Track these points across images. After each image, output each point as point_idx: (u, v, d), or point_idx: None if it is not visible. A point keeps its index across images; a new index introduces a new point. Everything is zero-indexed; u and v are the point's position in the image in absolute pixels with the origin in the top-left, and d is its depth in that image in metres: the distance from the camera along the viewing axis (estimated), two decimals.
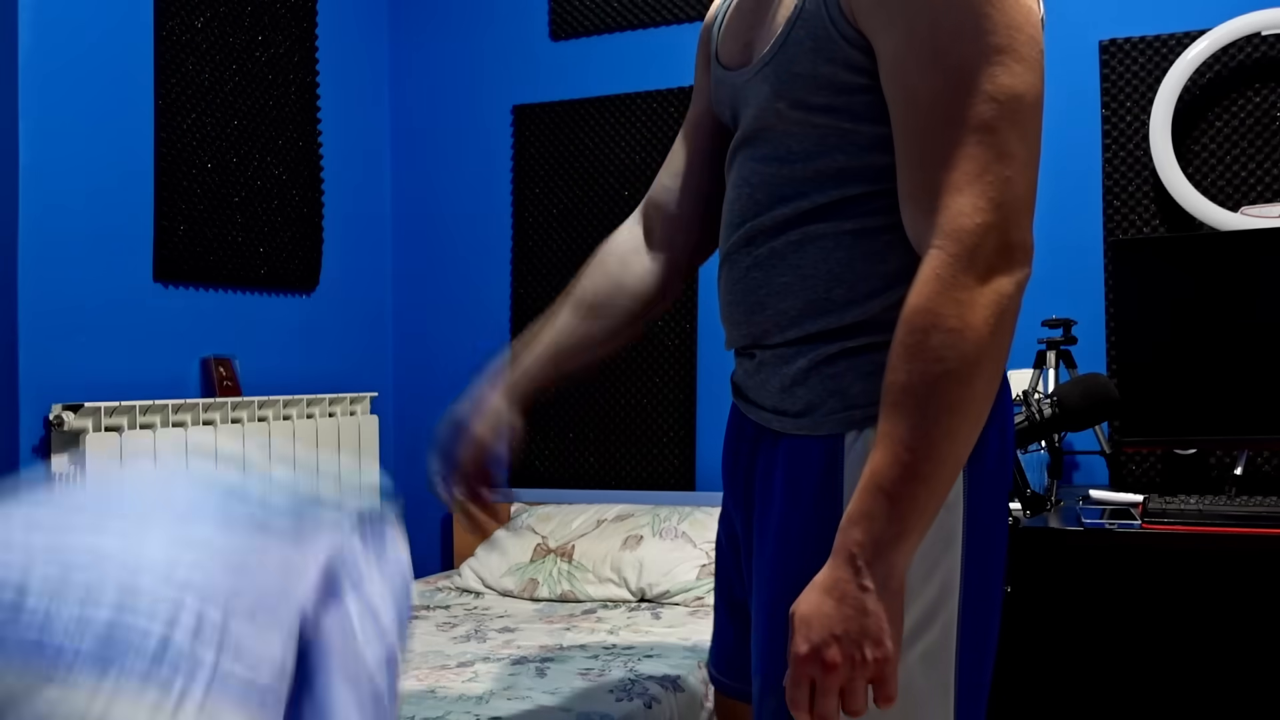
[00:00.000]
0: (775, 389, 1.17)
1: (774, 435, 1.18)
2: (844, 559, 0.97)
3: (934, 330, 0.95)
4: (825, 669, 0.96)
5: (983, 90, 0.97)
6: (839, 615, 0.96)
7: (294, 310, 3.04)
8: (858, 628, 0.95)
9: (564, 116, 3.21)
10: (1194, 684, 2.08)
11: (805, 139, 1.12)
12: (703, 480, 3.05)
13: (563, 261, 3.21)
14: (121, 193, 2.51)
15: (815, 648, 0.96)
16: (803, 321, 1.14)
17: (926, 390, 0.95)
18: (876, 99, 1.07)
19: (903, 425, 0.96)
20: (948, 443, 0.96)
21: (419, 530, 3.39)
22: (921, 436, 0.95)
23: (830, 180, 1.12)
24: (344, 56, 3.25)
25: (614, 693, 1.91)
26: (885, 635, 0.95)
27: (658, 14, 3.12)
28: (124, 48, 2.52)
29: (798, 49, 1.09)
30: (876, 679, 0.96)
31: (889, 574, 0.96)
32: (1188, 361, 2.24)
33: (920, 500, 0.96)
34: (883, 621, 0.95)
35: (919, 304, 0.97)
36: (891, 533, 0.95)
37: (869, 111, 1.08)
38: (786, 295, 1.14)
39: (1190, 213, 2.51)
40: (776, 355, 1.17)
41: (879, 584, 0.96)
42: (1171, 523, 1.94)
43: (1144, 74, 2.65)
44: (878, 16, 1.03)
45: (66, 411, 2.29)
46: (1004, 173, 0.97)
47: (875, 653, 0.95)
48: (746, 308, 1.18)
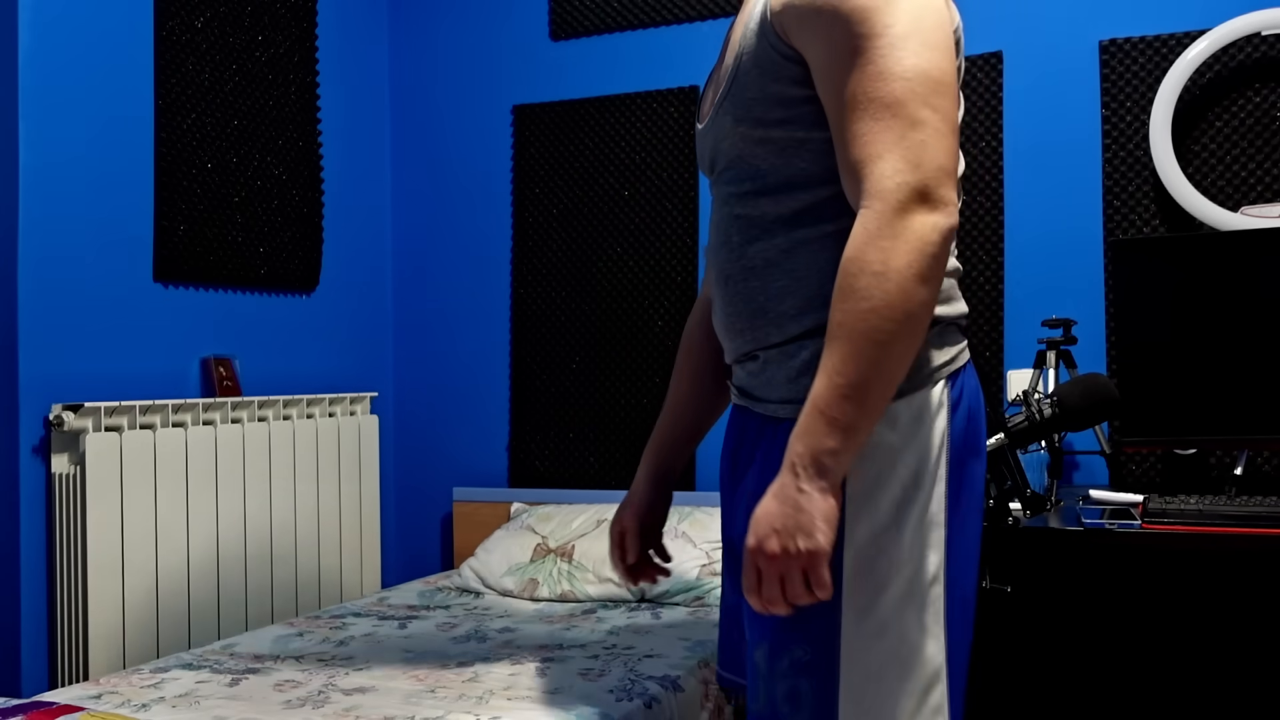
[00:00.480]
0: (783, 380, 1.29)
1: (778, 423, 1.29)
2: (787, 468, 1.13)
3: (861, 274, 1.11)
4: (767, 558, 1.12)
5: (891, 73, 1.13)
6: (779, 512, 1.12)
7: (294, 310, 3.04)
8: (793, 523, 1.11)
9: (564, 116, 3.21)
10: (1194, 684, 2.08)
11: (769, 155, 1.28)
12: (703, 480, 3.06)
13: (563, 261, 3.21)
14: (121, 193, 2.51)
15: (759, 540, 1.13)
16: (801, 318, 1.27)
17: (854, 325, 1.10)
18: (818, 108, 1.23)
19: (836, 355, 1.11)
20: (873, 369, 1.10)
21: (419, 530, 3.39)
22: (851, 364, 1.10)
23: (800, 187, 1.27)
24: (344, 56, 3.26)
25: (614, 693, 1.91)
26: (816, 529, 1.11)
27: (658, 14, 3.12)
28: (124, 48, 2.52)
29: (746, 77, 1.26)
30: (808, 567, 1.11)
31: (823, 479, 1.11)
32: (1188, 361, 2.24)
33: (851, 418, 1.11)
34: (815, 518, 1.11)
35: (849, 254, 1.12)
36: (826, 445, 1.11)
37: (817, 119, 1.24)
38: (785, 297, 1.28)
39: (1190, 213, 2.51)
40: (781, 352, 1.29)
41: (814, 487, 1.11)
42: (1171, 523, 1.94)
43: (1144, 74, 2.65)
44: (804, 33, 1.20)
45: (66, 411, 2.29)
46: (917, 138, 1.12)
47: (806, 544, 1.11)
48: (749, 314, 1.31)
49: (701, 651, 2.18)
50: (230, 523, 2.63)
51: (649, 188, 3.12)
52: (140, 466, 2.39)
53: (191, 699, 1.89)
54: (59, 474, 2.30)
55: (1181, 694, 2.09)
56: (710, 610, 2.54)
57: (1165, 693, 2.10)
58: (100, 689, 1.96)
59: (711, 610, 2.54)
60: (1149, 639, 2.12)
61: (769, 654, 1.24)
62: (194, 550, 2.53)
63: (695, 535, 2.71)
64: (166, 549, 2.46)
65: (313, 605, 2.90)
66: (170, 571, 2.46)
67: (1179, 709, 2.09)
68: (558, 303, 3.21)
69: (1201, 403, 2.22)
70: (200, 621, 2.54)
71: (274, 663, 2.14)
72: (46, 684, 2.33)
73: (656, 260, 3.11)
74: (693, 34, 3.10)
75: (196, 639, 2.53)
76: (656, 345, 3.10)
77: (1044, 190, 2.75)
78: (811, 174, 1.25)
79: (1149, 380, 2.26)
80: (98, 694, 1.93)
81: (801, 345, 1.27)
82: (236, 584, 2.65)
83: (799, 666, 1.21)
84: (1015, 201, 2.77)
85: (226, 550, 2.62)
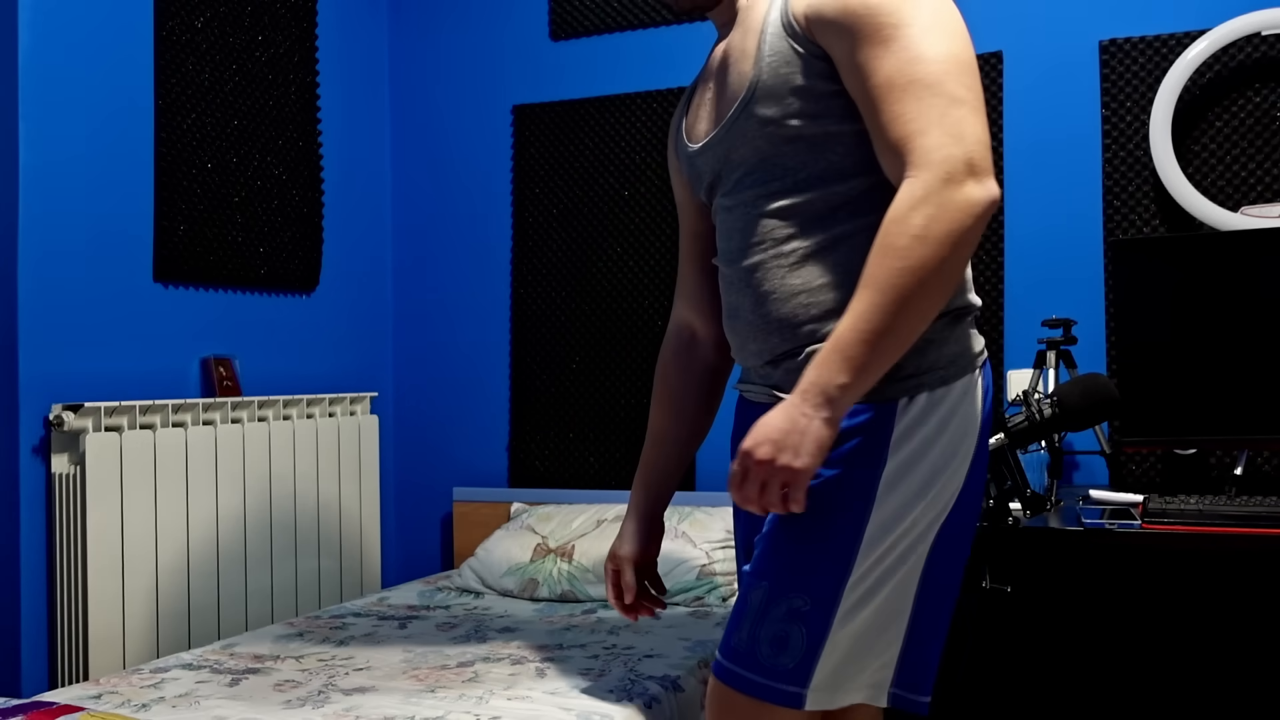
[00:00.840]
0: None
1: None
2: (797, 392, 1.21)
3: (903, 235, 1.18)
4: (755, 462, 1.21)
5: (926, 56, 1.22)
6: (777, 428, 1.20)
7: (294, 310, 3.04)
8: (788, 440, 1.19)
9: (564, 116, 3.21)
10: (1194, 684, 2.08)
11: (799, 152, 1.33)
12: (703, 480, 3.06)
13: (563, 261, 3.21)
14: (121, 193, 2.51)
15: (753, 445, 1.20)
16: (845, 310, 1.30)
17: (888, 279, 1.17)
18: (847, 100, 1.30)
19: (865, 303, 1.18)
20: (897, 321, 1.18)
21: (419, 530, 3.39)
22: (878, 311, 1.18)
23: (834, 181, 1.32)
24: (344, 56, 3.26)
25: (614, 693, 1.91)
26: (804, 451, 1.19)
27: (658, 14, 3.12)
28: (124, 48, 2.52)
29: (775, 76, 1.32)
30: (789, 482, 1.20)
31: (827, 409, 1.19)
32: (1188, 361, 2.24)
33: (865, 360, 1.19)
34: (807, 440, 1.19)
35: (893, 215, 1.19)
36: (838, 380, 1.19)
37: (846, 111, 1.31)
38: (828, 290, 1.33)
39: (1190, 213, 2.51)
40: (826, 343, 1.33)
41: (817, 414, 1.19)
42: (1171, 523, 1.94)
43: (1144, 74, 2.65)
44: (830, 30, 1.28)
45: (66, 411, 2.29)
46: (957, 114, 1.20)
47: (793, 460, 1.19)
48: (788, 314, 1.36)
49: (701, 651, 2.17)
50: (230, 522, 2.63)
51: (649, 188, 3.12)
52: (140, 466, 2.39)
53: (191, 699, 1.89)
54: (59, 474, 2.30)
55: (1181, 693, 2.09)
56: (711, 610, 2.54)
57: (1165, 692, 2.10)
58: (100, 689, 1.96)
59: (712, 610, 2.54)
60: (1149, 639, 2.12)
61: (767, 596, 1.31)
62: (194, 550, 2.53)
63: (695, 535, 2.71)
64: (166, 549, 2.46)
65: (313, 605, 2.90)
66: (170, 571, 2.46)
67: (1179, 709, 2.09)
68: (558, 303, 3.21)
69: (1201, 403, 2.22)
70: (200, 621, 2.54)
71: (274, 663, 2.14)
72: (46, 684, 2.33)
73: (656, 260, 3.11)
74: (693, 34, 3.10)
75: (196, 639, 2.53)
76: (657, 345, 3.10)
77: (1044, 190, 2.75)
78: (844, 168, 1.32)
79: (1149, 380, 2.26)
80: (98, 694, 1.93)
81: None
82: (236, 584, 2.65)
83: (794, 614, 1.29)
84: (1015, 201, 2.77)
85: (226, 550, 2.62)
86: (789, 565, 1.30)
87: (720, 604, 2.59)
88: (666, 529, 2.75)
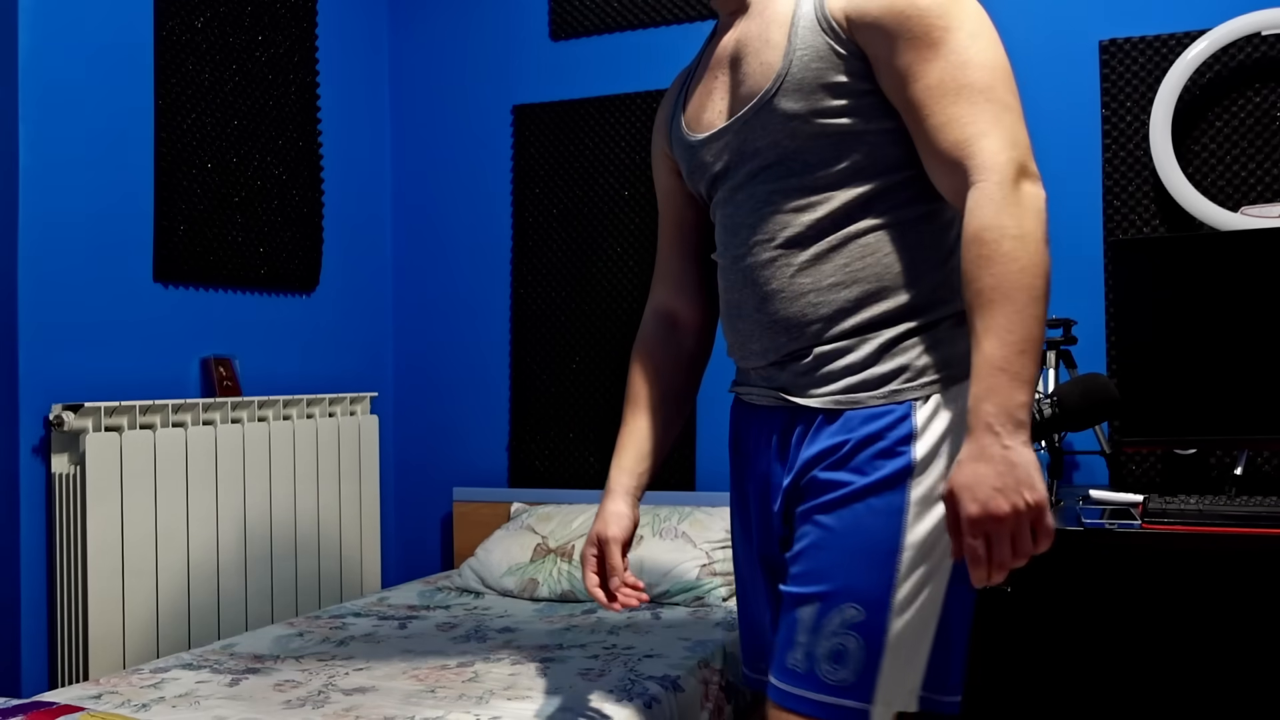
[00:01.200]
0: (839, 373, 1.34)
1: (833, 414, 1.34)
2: (982, 429, 1.15)
3: (1003, 239, 1.16)
4: (997, 521, 1.13)
5: (977, 62, 1.22)
6: (994, 473, 1.13)
7: (294, 310, 3.04)
8: (1013, 479, 1.12)
9: (564, 116, 3.21)
10: (1194, 684, 2.08)
11: (821, 148, 1.31)
12: (703, 480, 3.06)
13: (563, 261, 3.21)
14: (121, 193, 2.51)
15: (983, 505, 1.13)
16: (860, 312, 1.32)
17: (1011, 285, 1.16)
18: (879, 99, 1.29)
19: (1000, 316, 1.15)
20: (1035, 324, 1.16)
21: (419, 530, 3.39)
22: (1018, 321, 1.15)
23: (851, 180, 1.31)
24: (344, 56, 3.26)
25: (614, 693, 1.91)
26: (1035, 480, 1.13)
27: (658, 14, 3.12)
28: (124, 48, 2.52)
29: (806, 70, 1.30)
30: (1037, 519, 1.13)
31: (1021, 432, 1.14)
32: (1188, 361, 2.24)
33: (1029, 371, 1.16)
34: (1025, 469, 1.13)
35: (983, 223, 1.18)
36: (1017, 399, 1.15)
37: (875, 110, 1.29)
38: (838, 290, 1.32)
39: (1190, 213, 2.51)
40: (839, 348, 1.34)
41: (1016, 441, 1.14)
42: (1171, 523, 1.94)
43: (1144, 74, 2.65)
44: (873, 31, 1.27)
45: (66, 411, 2.29)
46: (1010, 119, 1.22)
47: (1032, 496, 1.12)
48: (797, 313, 1.34)
49: (701, 651, 2.17)
50: (230, 523, 2.63)
51: (649, 188, 3.12)
52: (140, 466, 2.39)
53: (191, 699, 1.89)
54: (59, 474, 2.30)
55: (1181, 693, 2.09)
56: (711, 610, 2.54)
57: (1165, 692, 2.10)
58: (100, 689, 1.96)
59: (712, 610, 2.54)
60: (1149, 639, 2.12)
61: (819, 612, 1.28)
62: (194, 550, 2.53)
63: (695, 535, 2.71)
64: (166, 549, 2.46)
65: (313, 605, 2.90)
66: (170, 571, 2.46)
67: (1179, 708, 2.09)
68: (558, 303, 3.21)
69: (1201, 403, 2.22)
70: (200, 621, 2.54)
71: (274, 663, 2.14)
72: (46, 684, 2.33)
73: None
74: (693, 34, 3.10)
75: (196, 639, 2.53)
76: None
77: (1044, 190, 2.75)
78: (863, 168, 1.31)
79: (1149, 380, 2.26)
80: (98, 694, 1.93)
81: (863, 339, 1.32)
82: (236, 584, 2.65)
83: (849, 624, 1.26)
84: None
85: (226, 550, 2.62)
86: (835, 575, 1.29)
87: (720, 603, 2.59)
88: (666, 529, 2.75)
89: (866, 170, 1.31)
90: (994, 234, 1.17)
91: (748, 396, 1.47)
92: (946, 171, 1.24)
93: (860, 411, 1.32)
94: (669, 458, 3.07)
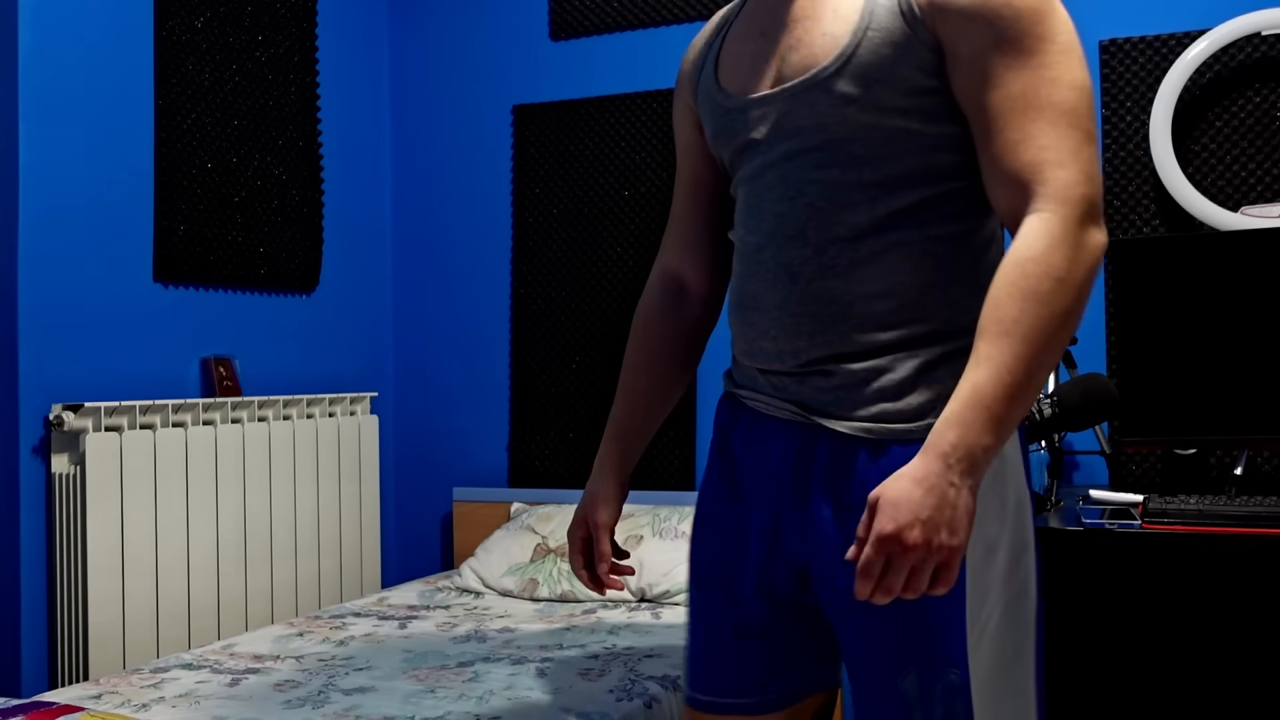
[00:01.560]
0: (873, 396, 1.21)
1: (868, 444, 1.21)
2: (936, 455, 1.07)
3: (1046, 277, 1.08)
4: (905, 548, 1.06)
5: (1066, 81, 1.12)
6: (925, 502, 1.06)
7: (294, 310, 3.04)
8: (941, 516, 1.06)
9: (564, 116, 3.21)
10: (1194, 684, 2.08)
11: (871, 142, 1.19)
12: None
13: (563, 261, 3.21)
14: (121, 193, 2.51)
15: (900, 528, 1.06)
16: (895, 327, 1.20)
17: (1033, 326, 1.08)
18: (944, 100, 1.18)
19: (1009, 352, 1.08)
20: (1040, 373, 1.09)
21: (419, 530, 3.39)
22: (1022, 364, 1.07)
23: (899, 184, 1.20)
24: (344, 56, 3.25)
25: (614, 693, 1.91)
26: (960, 527, 1.06)
27: (658, 14, 3.12)
28: (124, 48, 2.52)
29: (874, 55, 1.18)
30: (944, 564, 1.07)
31: (972, 476, 1.07)
32: (1188, 361, 2.24)
33: (1010, 417, 1.08)
34: (961, 515, 1.06)
35: (1034, 253, 1.09)
36: (983, 442, 1.07)
37: (938, 112, 1.19)
38: (875, 302, 1.20)
39: (1190, 213, 2.51)
40: (869, 366, 1.21)
41: (964, 482, 1.07)
42: (1171, 523, 1.94)
43: (1144, 74, 2.65)
44: (960, 22, 1.15)
45: (66, 411, 2.29)
46: (1090, 151, 1.12)
47: (950, 540, 1.06)
48: (824, 318, 1.22)
49: None
50: (230, 523, 2.63)
51: (649, 188, 3.12)
52: (140, 466, 2.39)
53: (191, 699, 1.89)
54: (59, 474, 2.30)
55: (1181, 694, 2.09)
56: None
57: (1165, 692, 2.10)
58: (100, 689, 1.96)
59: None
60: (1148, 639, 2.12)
61: (922, 681, 1.19)
62: (194, 550, 2.53)
63: None
64: (166, 549, 2.46)
65: (313, 605, 2.90)
66: (170, 571, 2.46)
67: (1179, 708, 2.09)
68: (558, 303, 3.21)
69: (1201, 403, 2.22)
70: (200, 621, 2.54)
71: (274, 663, 2.14)
72: (46, 684, 2.32)
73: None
74: (693, 34, 3.10)
75: (196, 639, 2.53)
76: None
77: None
78: (914, 171, 1.20)
79: (1149, 380, 2.26)
80: (98, 694, 1.93)
81: (897, 359, 1.20)
82: (236, 584, 2.65)
83: (953, 690, 1.18)
84: None
85: (226, 550, 2.62)
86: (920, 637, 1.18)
87: None
88: (666, 529, 2.75)
89: (917, 175, 1.20)
90: (1038, 269, 1.08)
91: (753, 403, 1.31)
92: (1009, 190, 1.15)
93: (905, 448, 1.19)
94: (670, 457, 3.07)
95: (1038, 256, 1.09)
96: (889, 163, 1.19)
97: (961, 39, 1.15)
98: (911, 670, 1.19)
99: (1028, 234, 1.10)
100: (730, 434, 1.36)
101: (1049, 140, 1.12)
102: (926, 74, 1.17)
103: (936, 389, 1.20)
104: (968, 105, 1.17)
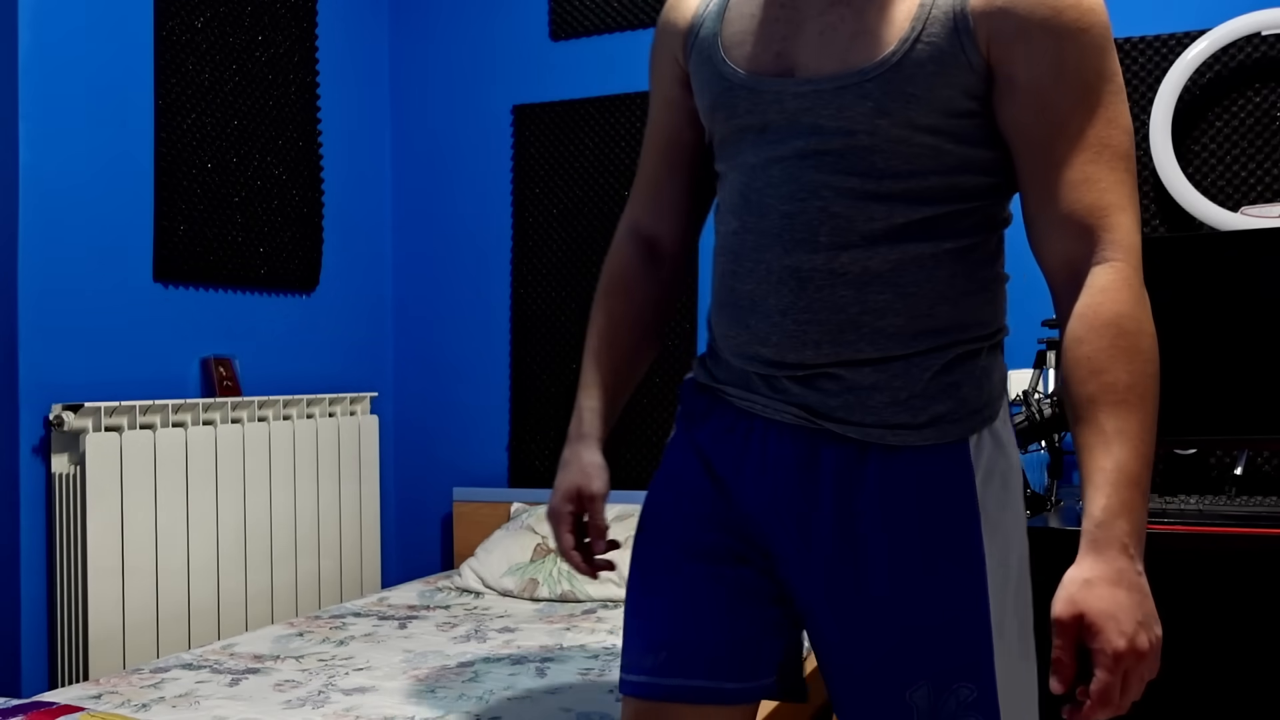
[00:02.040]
0: (884, 403, 1.18)
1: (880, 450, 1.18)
2: (1118, 550, 1.04)
3: (1141, 334, 1.07)
4: (1139, 657, 1.02)
5: (1121, 124, 1.11)
6: (1134, 604, 1.02)
7: (294, 310, 3.04)
8: (1147, 612, 1.03)
9: (564, 116, 3.21)
10: (1193, 684, 2.08)
11: (897, 156, 1.13)
12: None
13: (563, 261, 3.21)
14: (121, 193, 2.51)
15: (1130, 639, 1.01)
16: (907, 339, 1.17)
17: (1145, 389, 1.06)
18: (980, 124, 1.14)
19: (1135, 421, 1.05)
20: (1155, 433, 1.07)
21: (419, 530, 3.39)
22: (1148, 430, 1.06)
23: (919, 199, 1.15)
24: (344, 56, 3.26)
25: (614, 693, 1.91)
26: (1155, 615, 1.04)
27: (657, 14, 3.12)
28: (124, 48, 2.52)
29: (918, 70, 1.11)
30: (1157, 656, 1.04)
31: (1142, 555, 1.05)
32: (1188, 361, 2.24)
33: (1149, 485, 1.06)
34: (1150, 602, 1.04)
35: (1126, 310, 1.07)
36: (1144, 519, 1.05)
37: (972, 135, 1.14)
38: (887, 313, 1.16)
39: (1190, 213, 2.51)
40: (879, 373, 1.17)
41: (1142, 565, 1.04)
42: (1171, 523, 1.94)
43: (1144, 74, 2.65)
44: (1019, 50, 1.10)
45: (66, 411, 2.29)
46: (1137, 197, 1.11)
47: (1160, 630, 1.03)
48: (833, 326, 1.17)
49: None
50: (230, 523, 2.63)
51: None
52: (140, 466, 2.39)
53: (191, 699, 1.89)
54: (59, 474, 2.30)
55: (1181, 694, 2.09)
56: None
57: (1164, 692, 2.10)
58: (100, 689, 1.96)
59: None
60: None
61: (933, 695, 1.16)
62: (194, 550, 2.53)
63: None
64: (166, 549, 2.46)
65: (313, 605, 2.90)
66: (170, 572, 2.46)
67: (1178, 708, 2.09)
68: (558, 303, 3.21)
69: (1201, 403, 2.22)
70: (200, 621, 2.54)
71: (274, 663, 2.14)
72: (46, 684, 2.32)
73: None
74: None
75: (196, 639, 2.53)
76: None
77: None
78: (936, 189, 1.15)
79: None
80: (98, 694, 1.93)
81: (909, 365, 1.17)
82: (236, 584, 2.65)
83: (966, 705, 1.16)
84: (1015, 201, 2.77)
85: (226, 550, 2.62)
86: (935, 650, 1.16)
87: None
88: None
89: (939, 193, 1.15)
90: (1135, 325, 1.07)
91: (744, 403, 1.25)
92: (1069, 232, 1.11)
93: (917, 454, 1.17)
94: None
95: (1130, 313, 1.07)
96: (912, 179, 1.14)
97: (1019, 63, 1.10)
98: (922, 683, 1.16)
99: (1108, 286, 1.08)
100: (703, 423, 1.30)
101: (1110, 183, 1.09)
102: (968, 97, 1.12)
103: (949, 395, 1.18)
104: (1019, 134, 1.13)
